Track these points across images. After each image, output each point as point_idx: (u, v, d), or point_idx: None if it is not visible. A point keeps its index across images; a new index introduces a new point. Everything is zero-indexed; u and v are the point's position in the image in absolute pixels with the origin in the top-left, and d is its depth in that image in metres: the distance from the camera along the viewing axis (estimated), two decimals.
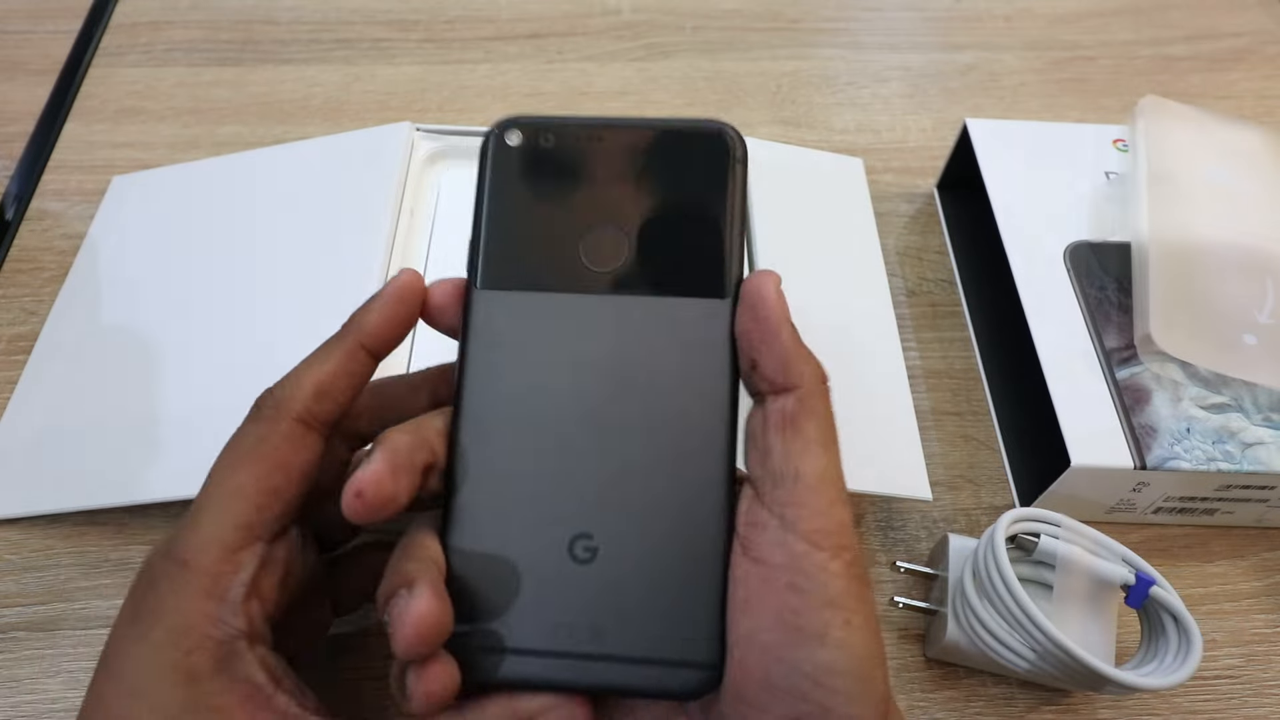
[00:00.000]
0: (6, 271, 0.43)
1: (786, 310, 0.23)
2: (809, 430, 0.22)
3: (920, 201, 0.49)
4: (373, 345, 0.25)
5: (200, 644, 0.21)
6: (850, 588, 0.21)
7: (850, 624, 0.21)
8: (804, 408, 0.22)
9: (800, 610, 0.21)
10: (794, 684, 0.20)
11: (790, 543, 0.21)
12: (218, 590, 0.22)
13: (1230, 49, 0.59)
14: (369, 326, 0.25)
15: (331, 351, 0.24)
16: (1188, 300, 0.38)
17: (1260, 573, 0.37)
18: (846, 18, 0.59)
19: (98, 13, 0.56)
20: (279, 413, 0.23)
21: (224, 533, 0.22)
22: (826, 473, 0.22)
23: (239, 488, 0.23)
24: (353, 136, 0.43)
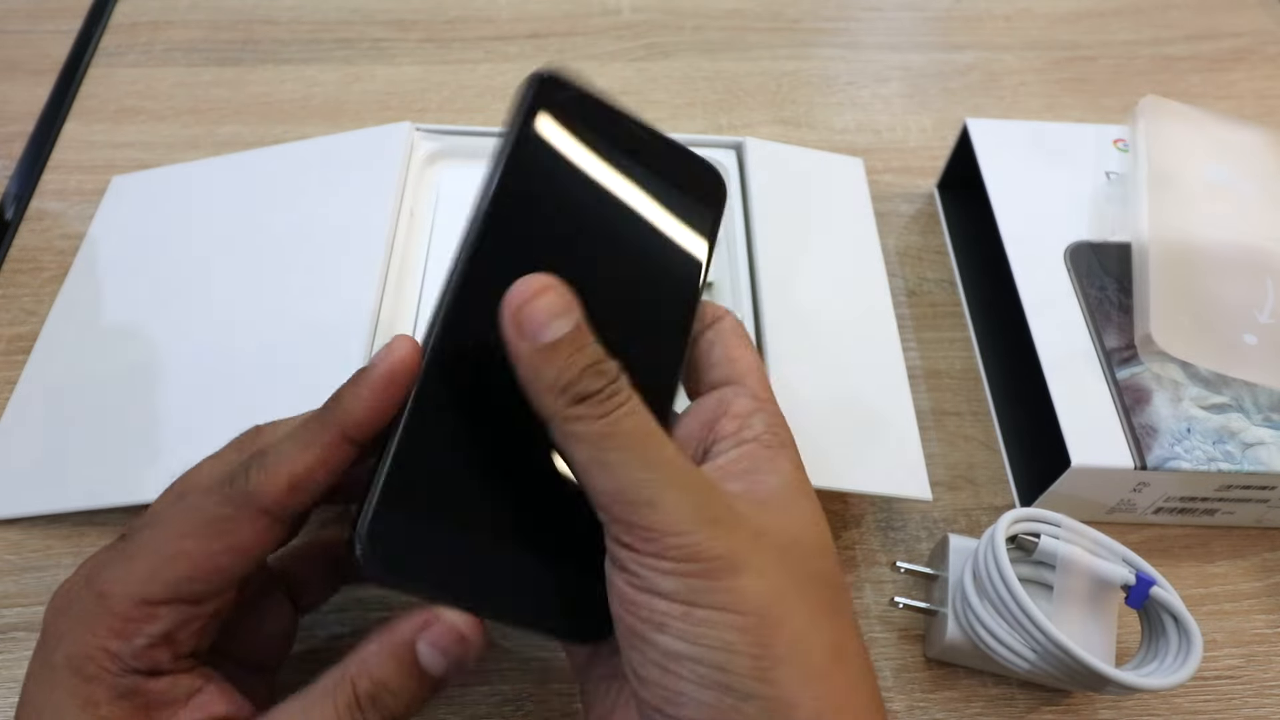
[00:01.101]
0: (6, 271, 0.43)
1: (529, 330, 0.22)
2: (579, 458, 0.22)
3: (920, 201, 0.49)
4: (357, 435, 0.23)
5: (98, 675, 0.22)
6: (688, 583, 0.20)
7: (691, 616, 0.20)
8: (565, 439, 0.22)
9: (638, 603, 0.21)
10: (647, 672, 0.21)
11: (621, 556, 0.21)
12: (125, 633, 0.22)
13: (1230, 49, 0.59)
14: (355, 415, 0.22)
15: (312, 441, 0.23)
16: (1188, 300, 0.38)
17: (1261, 573, 0.37)
18: (846, 18, 0.59)
19: (97, 13, 0.56)
20: (249, 500, 0.22)
21: (149, 586, 0.22)
22: (618, 489, 0.21)
23: (183, 553, 0.22)
24: (353, 136, 0.43)
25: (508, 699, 0.32)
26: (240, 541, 0.22)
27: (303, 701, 0.22)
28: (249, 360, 0.36)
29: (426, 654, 0.22)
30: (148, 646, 0.22)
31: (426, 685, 0.22)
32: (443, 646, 0.22)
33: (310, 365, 0.35)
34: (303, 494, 0.23)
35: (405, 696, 0.22)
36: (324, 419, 0.23)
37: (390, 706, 0.22)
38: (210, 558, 0.22)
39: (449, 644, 0.22)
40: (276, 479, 0.22)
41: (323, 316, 0.36)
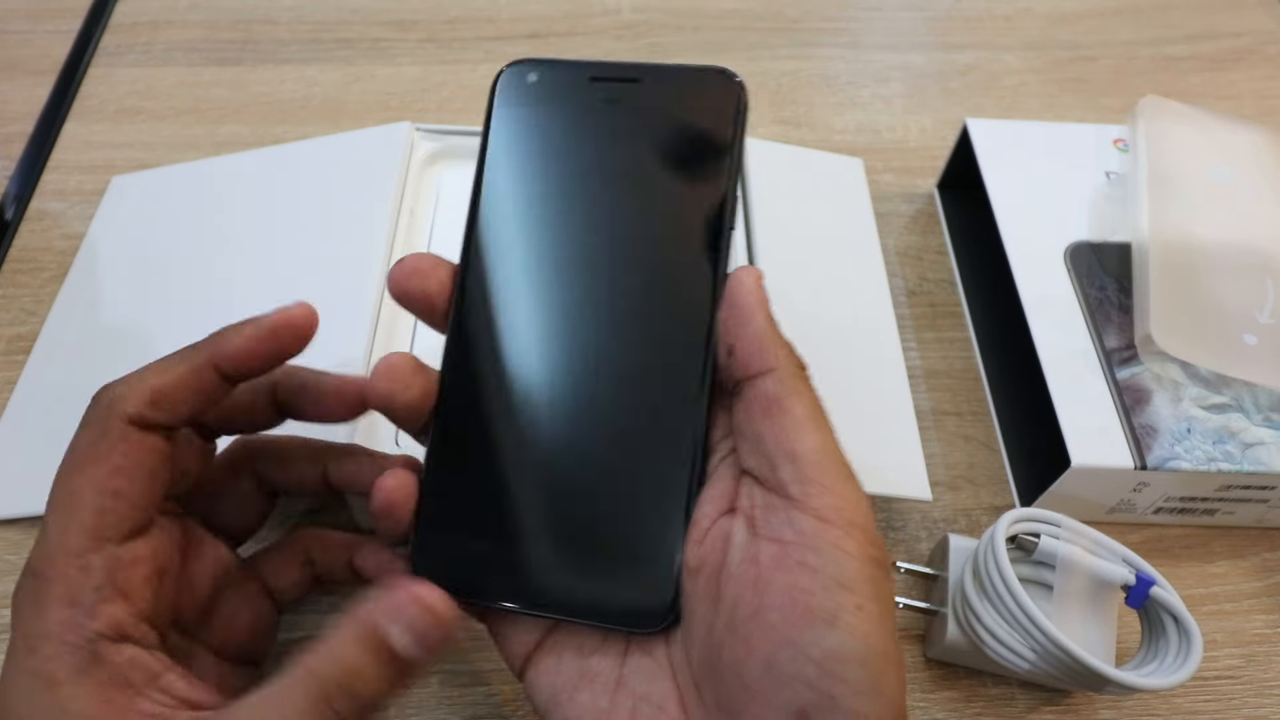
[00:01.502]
0: (6, 271, 0.43)
1: (765, 301, 0.23)
2: (795, 409, 0.22)
3: (920, 201, 0.49)
4: (228, 368, 0.24)
5: (57, 652, 0.21)
6: (865, 571, 0.20)
7: (863, 610, 0.20)
8: (785, 388, 0.22)
9: (811, 589, 0.20)
10: (799, 669, 0.19)
11: (799, 520, 0.21)
12: (69, 596, 0.21)
13: (1230, 49, 0.59)
14: (229, 349, 0.24)
15: (179, 362, 0.24)
16: (1188, 300, 0.38)
17: (1261, 573, 0.37)
18: (846, 18, 0.59)
19: (97, 13, 0.56)
20: (110, 414, 0.23)
21: (66, 539, 0.22)
22: (824, 448, 0.21)
23: (75, 492, 0.22)
24: (353, 136, 0.43)
25: (508, 699, 0.32)
26: (119, 457, 0.22)
27: (268, 694, 0.21)
28: None
29: (398, 636, 0.21)
30: (96, 601, 0.22)
31: (402, 670, 0.21)
32: (415, 628, 0.21)
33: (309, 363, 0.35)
34: (164, 410, 0.23)
35: (379, 684, 0.21)
36: (197, 346, 0.24)
37: (364, 695, 0.21)
38: (100, 483, 0.22)
39: (421, 624, 0.21)
40: (136, 391, 0.23)
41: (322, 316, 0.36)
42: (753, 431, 0.22)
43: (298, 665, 0.21)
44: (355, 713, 0.21)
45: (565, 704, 0.23)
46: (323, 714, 0.20)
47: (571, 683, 0.23)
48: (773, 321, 0.23)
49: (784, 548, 0.21)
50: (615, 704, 0.23)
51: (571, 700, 0.23)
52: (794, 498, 0.21)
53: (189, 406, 0.24)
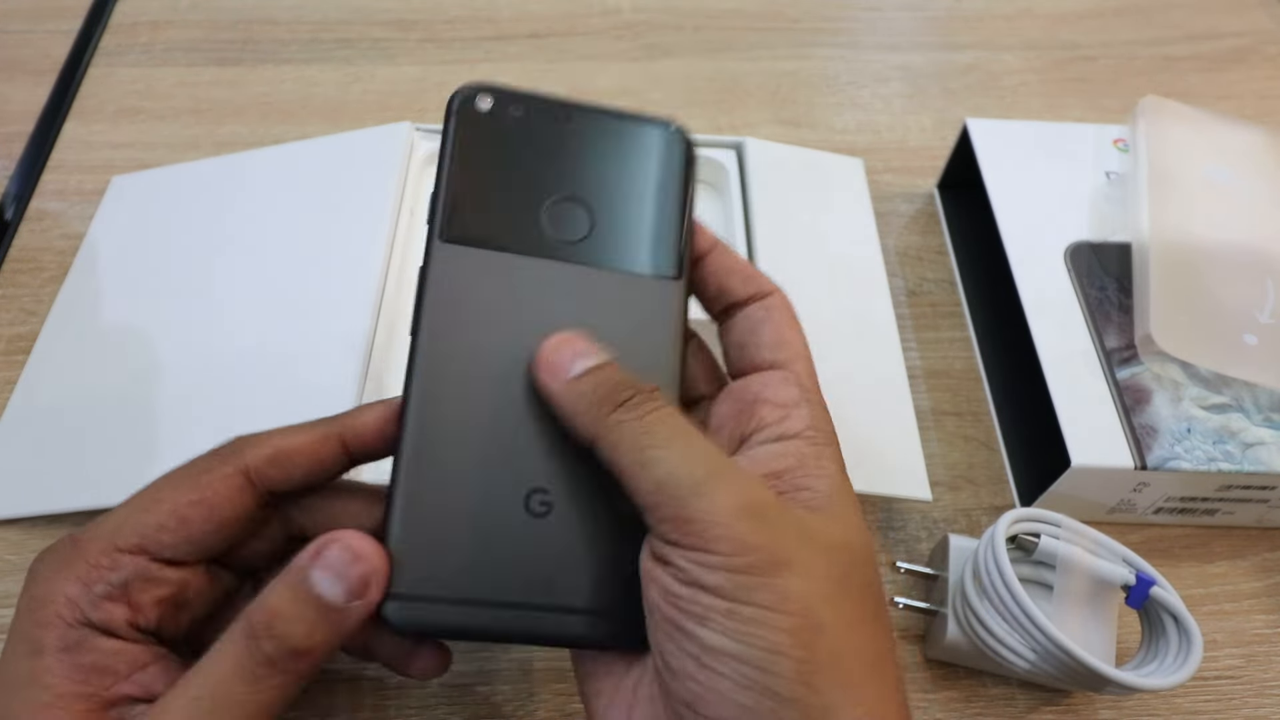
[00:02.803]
0: (6, 271, 0.43)
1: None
2: (620, 455, 0.22)
3: (920, 201, 0.49)
4: (353, 443, 0.24)
5: (50, 620, 0.22)
6: (734, 579, 0.20)
7: (737, 614, 0.20)
8: (602, 442, 0.22)
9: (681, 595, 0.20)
10: (681, 665, 0.21)
11: (665, 551, 0.21)
12: (86, 578, 0.22)
13: (1230, 49, 0.59)
14: (356, 425, 0.24)
15: (309, 429, 0.24)
16: (1188, 300, 0.38)
17: (1261, 573, 0.37)
18: (846, 18, 0.59)
19: (97, 13, 0.56)
20: (230, 457, 0.23)
21: (119, 531, 0.23)
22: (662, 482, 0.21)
23: (157, 501, 0.23)
24: (353, 136, 0.43)
25: (508, 699, 0.32)
26: (213, 495, 0.23)
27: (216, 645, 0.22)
28: (249, 360, 0.36)
29: (320, 580, 0.21)
30: (105, 597, 0.22)
31: (329, 616, 0.21)
32: (336, 570, 0.21)
33: (310, 364, 0.35)
34: (280, 470, 0.24)
35: (303, 625, 0.21)
36: (327, 419, 0.24)
37: (288, 635, 0.21)
38: (180, 506, 0.23)
39: (342, 567, 0.21)
40: (262, 445, 0.24)
41: (323, 316, 0.36)
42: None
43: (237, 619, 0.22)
44: (285, 655, 0.21)
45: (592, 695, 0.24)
46: (254, 656, 0.21)
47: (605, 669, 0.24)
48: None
49: (663, 567, 0.21)
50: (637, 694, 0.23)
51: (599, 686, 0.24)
52: (658, 535, 0.21)
53: (305, 474, 0.24)
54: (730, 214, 0.41)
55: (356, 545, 0.22)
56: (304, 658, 0.21)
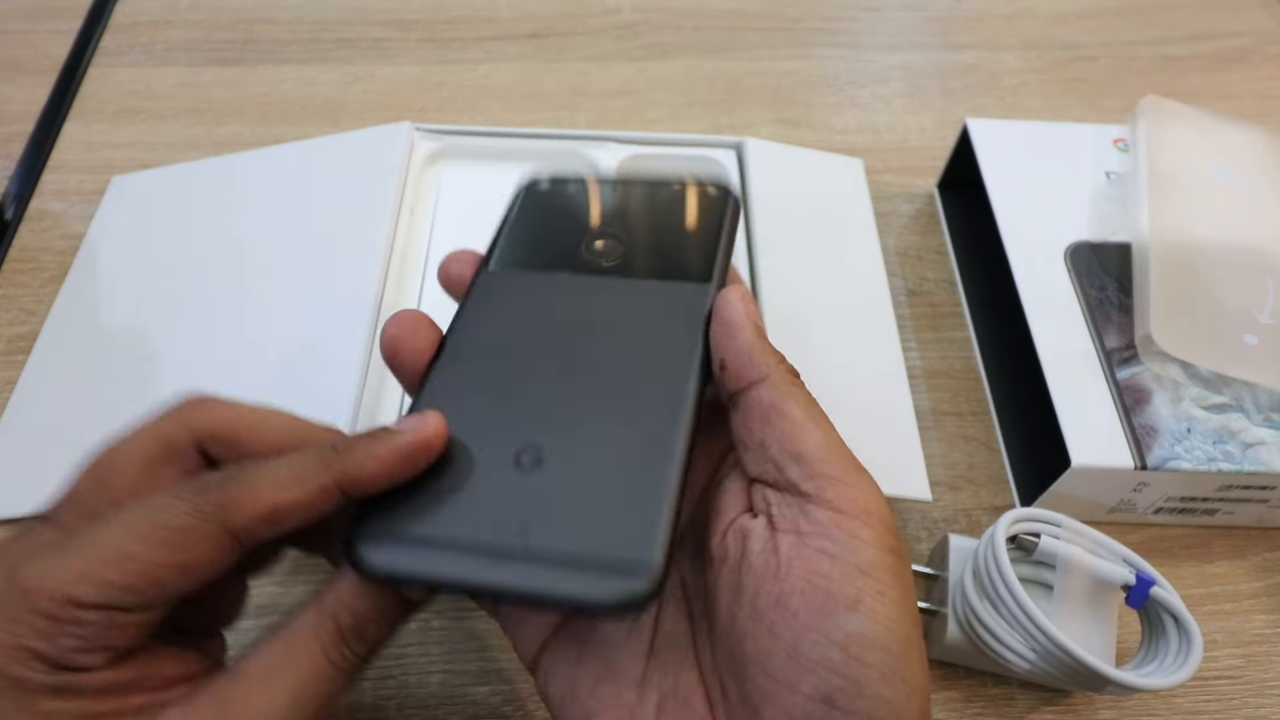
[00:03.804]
0: (6, 271, 0.43)
1: (753, 315, 0.24)
2: (793, 411, 0.22)
3: (920, 201, 0.49)
4: (353, 492, 0.21)
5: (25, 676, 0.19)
6: (882, 558, 0.20)
7: (884, 595, 0.20)
8: (779, 393, 0.22)
9: (830, 575, 0.20)
10: (823, 654, 0.19)
11: (814, 512, 0.21)
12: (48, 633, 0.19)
13: (1230, 49, 0.59)
14: (359, 473, 0.21)
15: (306, 478, 0.21)
16: (1188, 300, 0.38)
17: (1261, 573, 0.37)
18: (846, 18, 0.59)
19: (98, 13, 0.56)
20: (218, 517, 0.20)
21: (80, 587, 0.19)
22: (829, 444, 0.22)
23: (128, 558, 0.19)
24: (353, 136, 0.43)
25: (508, 699, 0.32)
26: (194, 559, 0.20)
27: (284, 641, 0.21)
28: (249, 359, 0.36)
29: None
30: (75, 650, 0.19)
31: (408, 609, 0.22)
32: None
33: (310, 364, 0.35)
34: (275, 528, 0.21)
35: (387, 623, 0.22)
36: (326, 461, 0.21)
37: (374, 636, 0.22)
38: (156, 568, 0.20)
39: None
40: (256, 504, 0.20)
41: (323, 315, 0.36)
42: (754, 440, 0.22)
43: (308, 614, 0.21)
44: (367, 648, 0.21)
45: (585, 697, 0.23)
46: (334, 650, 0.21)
47: (594, 675, 0.23)
48: (762, 334, 0.24)
49: (801, 537, 0.21)
50: (642, 698, 0.22)
51: (593, 694, 0.23)
52: (807, 493, 0.21)
53: (298, 527, 0.21)
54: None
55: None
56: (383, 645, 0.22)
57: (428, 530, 0.21)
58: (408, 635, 0.33)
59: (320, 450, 0.21)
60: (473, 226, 0.40)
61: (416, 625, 0.34)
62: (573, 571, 0.20)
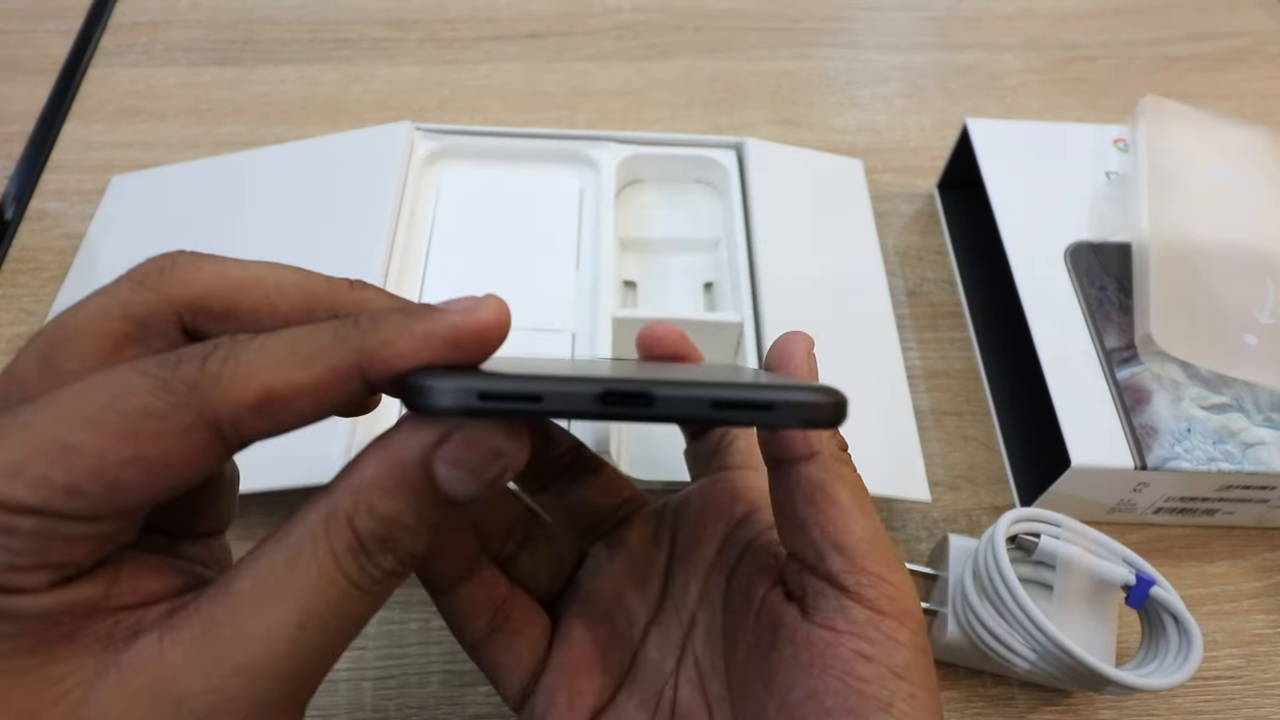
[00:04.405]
0: (6, 271, 0.43)
1: (814, 373, 0.23)
2: (841, 497, 0.21)
3: (920, 201, 0.49)
4: (379, 378, 0.16)
5: None
6: (916, 661, 0.20)
7: (915, 698, 0.20)
8: (830, 474, 0.21)
9: (866, 678, 0.20)
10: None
11: (852, 610, 0.20)
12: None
13: (1230, 49, 0.59)
14: (387, 356, 0.16)
15: (316, 356, 0.16)
16: (1188, 300, 0.38)
17: (1261, 573, 0.37)
18: (846, 18, 0.59)
19: (98, 13, 0.56)
20: (196, 400, 0.15)
21: (9, 485, 0.14)
22: (873, 537, 0.21)
23: (74, 449, 0.15)
24: (353, 136, 0.43)
25: None
26: (162, 456, 0.15)
27: (287, 550, 0.16)
28: None
29: (449, 475, 0.16)
30: (8, 569, 0.14)
31: (448, 515, 0.17)
32: (470, 463, 0.16)
33: None
34: (272, 422, 0.16)
35: (424, 532, 0.17)
36: (343, 336, 0.16)
37: (405, 545, 0.17)
38: (110, 466, 0.15)
39: (479, 458, 0.16)
40: (245, 384, 0.15)
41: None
42: (796, 518, 0.21)
43: (313, 514, 0.16)
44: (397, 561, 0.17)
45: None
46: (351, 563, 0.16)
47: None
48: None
49: (838, 635, 0.20)
50: None
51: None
52: (847, 588, 0.21)
53: (299, 421, 0.16)
54: (730, 214, 0.41)
55: (496, 432, 0.16)
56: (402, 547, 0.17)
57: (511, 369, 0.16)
58: (408, 635, 0.33)
59: (339, 323, 0.16)
60: (473, 226, 0.40)
61: (416, 625, 0.34)
62: (755, 383, 0.17)
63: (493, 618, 0.24)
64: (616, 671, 0.24)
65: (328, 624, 0.16)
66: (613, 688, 0.24)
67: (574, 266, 0.39)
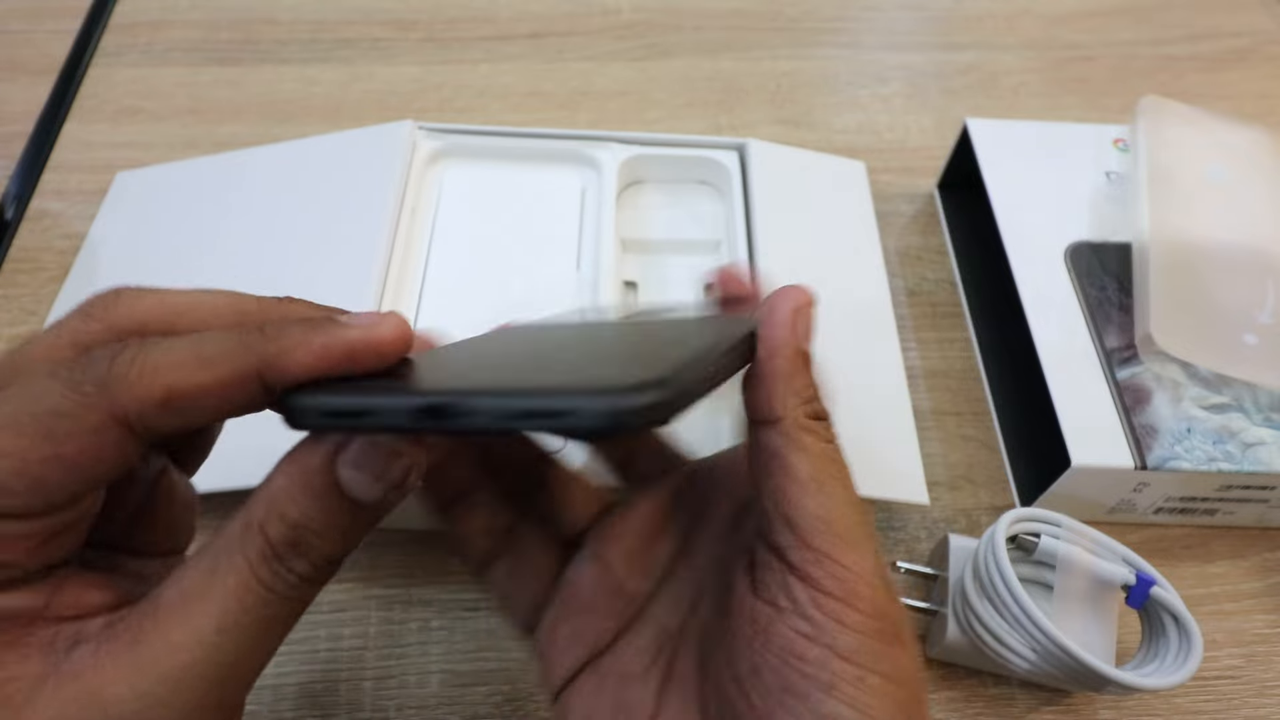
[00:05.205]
0: (6, 271, 0.43)
1: (799, 333, 0.21)
2: (797, 468, 0.20)
3: (920, 201, 0.49)
4: (276, 384, 0.17)
5: None
6: (866, 644, 0.19)
7: (863, 681, 0.19)
8: (787, 442, 0.20)
9: (806, 657, 0.19)
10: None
11: (796, 589, 0.19)
12: None
13: (1230, 49, 0.59)
14: (287, 361, 0.17)
15: (218, 359, 0.17)
16: (1188, 300, 0.38)
17: (1261, 573, 0.37)
18: (847, 18, 0.59)
19: (98, 13, 0.56)
20: (103, 398, 0.16)
21: None
22: (827, 513, 0.20)
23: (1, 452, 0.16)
24: (356, 134, 0.43)
25: (508, 698, 0.32)
26: (78, 452, 0.16)
27: (207, 562, 0.17)
28: None
29: (352, 479, 0.17)
30: None
31: (360, 518, 0.18)
32: (372, 466, 0.17)
33: None
34: (176, 417, 0.17)
35: (335, 535, 0.18)
36: (247, 343, 0.17)
37: (318, 549, 0.18)
38: (35, 465, 0.16)
39: (380, 462, 0.17)
40: (150, 382, 0.16)
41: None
42: (756, 483, 0.21)
43: (233, 526, 0.18)
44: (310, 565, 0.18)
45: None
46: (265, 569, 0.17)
47: (607, 712, 0.22)
48: (799, 362, 0.21)
49: (779, 612, 0.20)
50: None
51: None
52: (792, 564, 0.20)
53: (205, 418, 0.17)
54: (732, 215, 0.41)
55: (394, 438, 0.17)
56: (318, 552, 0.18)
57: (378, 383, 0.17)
58: (408, 635, 0.33)
59: (245, 330, 0.17)
60: (474, 226, 0.40)
61: (416, 625, 0.34)
62: (561, 384, 0.16)
63: (493, 545, 0.24)
64: (620, 619, 0.24)
65: (246, 629, 0.17)
66: (614, 632, 0.24)
67: (574, 266, 0.39)
